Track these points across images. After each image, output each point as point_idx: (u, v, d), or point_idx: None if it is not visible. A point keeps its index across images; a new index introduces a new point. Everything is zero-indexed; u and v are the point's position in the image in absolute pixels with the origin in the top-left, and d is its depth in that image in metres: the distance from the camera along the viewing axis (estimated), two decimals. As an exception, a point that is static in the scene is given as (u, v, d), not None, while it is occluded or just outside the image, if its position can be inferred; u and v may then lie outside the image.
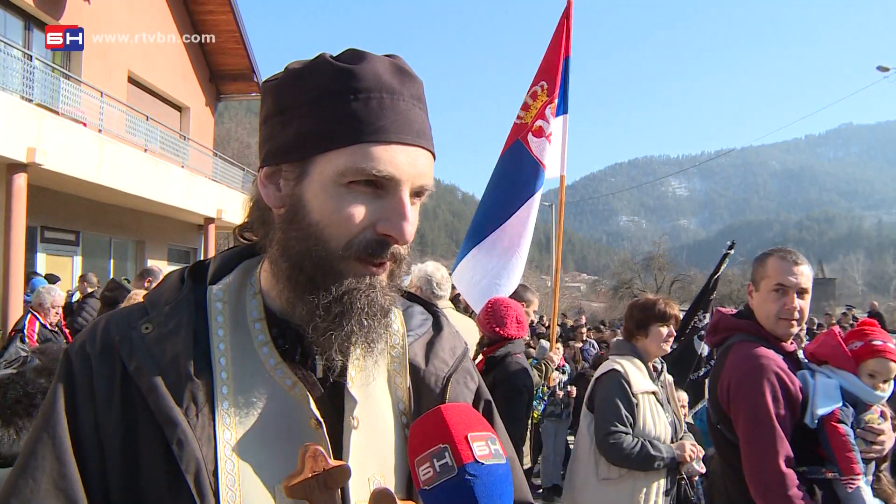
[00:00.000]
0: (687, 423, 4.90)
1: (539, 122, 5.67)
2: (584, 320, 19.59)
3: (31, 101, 11.90)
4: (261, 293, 1.11)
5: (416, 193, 1.04)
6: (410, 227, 1.00)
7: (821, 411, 2.56)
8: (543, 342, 8.76)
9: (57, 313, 7.08)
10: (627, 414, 3.71)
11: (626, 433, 3.67)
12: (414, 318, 1.25)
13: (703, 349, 6.22)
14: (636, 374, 3.83)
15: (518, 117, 5.83)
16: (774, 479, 2.48)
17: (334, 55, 1.03)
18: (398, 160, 0.98)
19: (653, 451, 3.65)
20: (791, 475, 2.47)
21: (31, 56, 12.69)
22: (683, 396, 5.55)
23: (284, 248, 1.03)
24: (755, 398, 2.58)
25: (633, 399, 3.74)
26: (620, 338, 4.26)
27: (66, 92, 13.30)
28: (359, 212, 0.98)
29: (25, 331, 6.79)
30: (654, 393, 3.86)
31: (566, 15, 5.81)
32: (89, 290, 9.73)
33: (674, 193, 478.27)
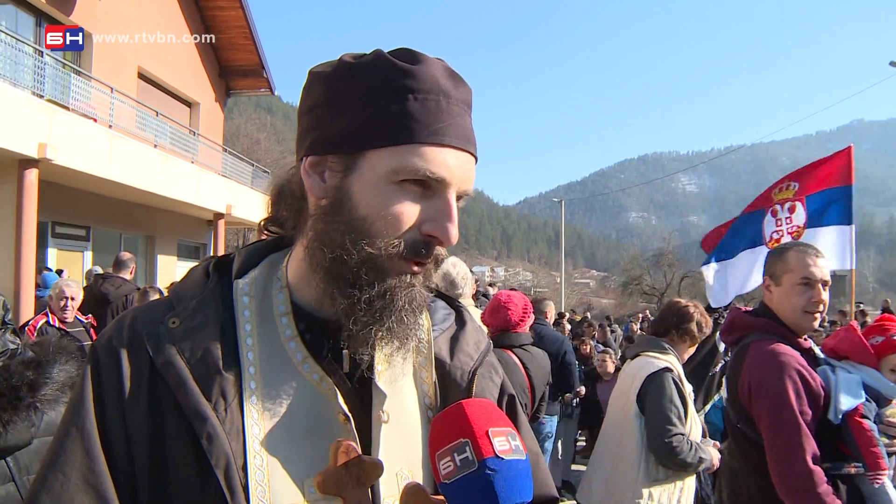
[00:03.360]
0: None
1: (777, 207, 6.87)
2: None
3: (42, 96, 11.94)
4: (287, 287, 1.11)
5: (459, 197, 1.04)
6: (456, 229, 1.01)
7: (844, 407, 2.54)
8: None
9: (65, 307, 6.40)
10: (682, 415, 3.65)
11: (683, 434, 3.60)
12: (437, 312, 1.25)
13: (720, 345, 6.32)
14: (682, 375, 3.80)
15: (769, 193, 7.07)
16: (802, 477, 2.45)
17: (388, 51, 1.02)
18: (450, 163, 0.99)
19: (702, 454, 3.63)
20: (819, 472, 2.45)
21: (43, 52, 12.73)
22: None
23: (326, 240, 1.01)
24: (778, 396, 2.55)
25: (685, 399, 3.71)
26: (648, 335, 4.19)
27: (76, 88, 13.33)
28: (408, 210, 0.98)
29: (29, 325, 6.41)
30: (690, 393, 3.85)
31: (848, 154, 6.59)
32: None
33: (683, 190, 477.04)
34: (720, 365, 6.20)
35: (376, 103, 0.97)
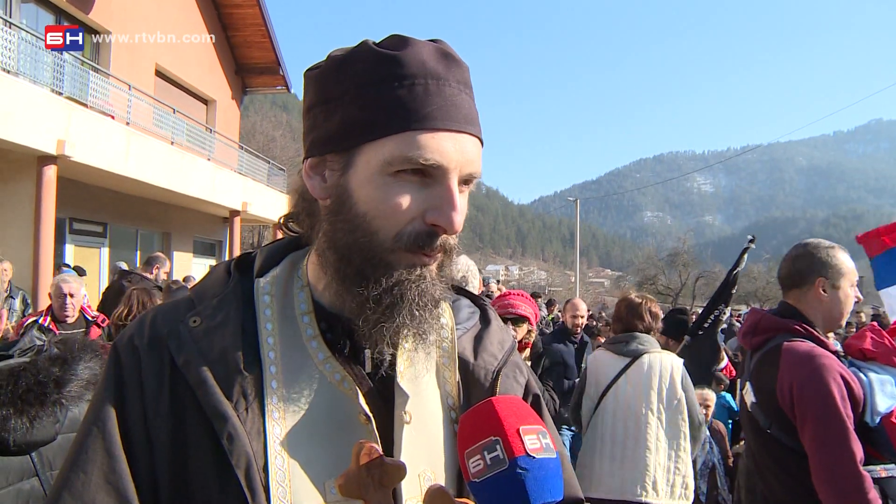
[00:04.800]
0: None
1: None
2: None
3: (60, 93, 12.04)
4: (308, 286, 1.10)
5: (465, 181, 1.01)
6: (459, 216, 0.97)
7: (882, 408, 2.50)
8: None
9: (64, 305, 5.86)
10: None
11: None
12: (461, 311, 1.22)
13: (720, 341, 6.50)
14: None
15: None
16: (852, 482, 2.36)
17: (377, 41, 1.00)
18: (445, 147, 0.95)
19: None
20: (868, 478, 2.36)
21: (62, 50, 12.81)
22: (711, 395, 5.51)
23: (332, 240, 1.01)
24: (824, 399, 2.46)
25: None
26: (634, 332, 4.51)
27: (94, 85, 13.43)
28: (406, 202, 0.95)
29: (40, 321, 5.91)
30: None
31: None
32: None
33: (699, 189, 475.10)
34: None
35: (364, 95, 0.95)
